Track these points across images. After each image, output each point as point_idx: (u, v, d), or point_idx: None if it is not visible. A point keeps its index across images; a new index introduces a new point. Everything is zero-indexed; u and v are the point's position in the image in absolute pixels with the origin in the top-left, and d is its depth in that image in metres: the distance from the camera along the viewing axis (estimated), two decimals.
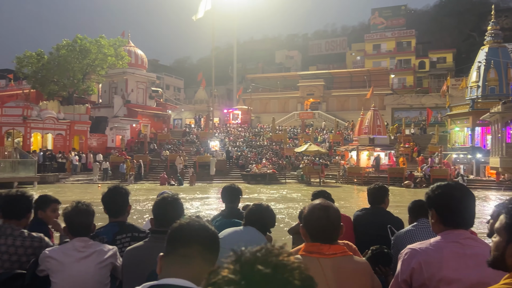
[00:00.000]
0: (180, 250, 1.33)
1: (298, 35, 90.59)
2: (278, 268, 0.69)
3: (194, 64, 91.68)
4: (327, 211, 1.98)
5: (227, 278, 0.68)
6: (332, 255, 1.90)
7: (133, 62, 40.26)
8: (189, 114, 51.55)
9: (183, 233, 1.36)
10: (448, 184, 2.04)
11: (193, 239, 1.34)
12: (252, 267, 0.69)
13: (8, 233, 2.77)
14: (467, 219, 1.98)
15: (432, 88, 53.03)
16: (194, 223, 1.39)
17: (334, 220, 1.97)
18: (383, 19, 63.62)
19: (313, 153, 32.37)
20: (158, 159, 33.35)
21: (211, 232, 1.39)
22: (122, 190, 3.12)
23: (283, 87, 55.31)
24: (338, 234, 1.99)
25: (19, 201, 2.91)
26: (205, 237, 1.36)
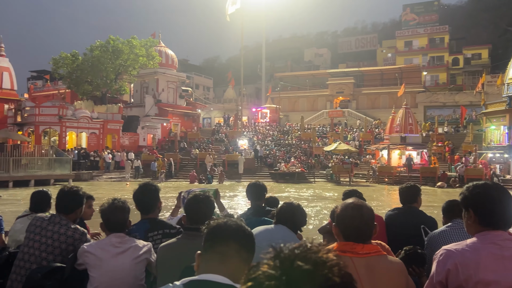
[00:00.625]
0: (218, 248, 1.36)
1: (328, 32, 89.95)
2: (318, 265, 0.69)
3: (223, 63, 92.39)
4: (361, 210, 1.95)
5: (267, 273, 0.69)
6: (366, 254, 1.88)
7: (163, 62, 40.91)
8: (218, 113, 51.97)
9: (221, 231, 1.40)
10: (485, 183, 1.99)
11: (231, 238, 1.38)
12: (292, 263, 0.69)
13: (56, 221, 2.97)
14: (506, 219, 1.91)
15: (466, 86, 51.41)
16: (231, 223, 1.44)
17: (368, 219, 1.95)
18: (415, 15, 62.18)
19: (342, 152, 32.01)
20: (188, 157, 33.80)
21: (247, 232, 1.44)
22: (152, 187, 3.18)
23: (312, 86, 54.90)
24: (372, 233, 1.96)
25: (69, 197, 3.06)
26: (242, 237, 1.40)
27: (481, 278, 1.79)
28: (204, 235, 1.44)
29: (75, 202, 3.08)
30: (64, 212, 3.03)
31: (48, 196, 3.96)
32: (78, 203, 3.10)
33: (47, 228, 2.94)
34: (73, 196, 3.07)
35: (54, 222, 2.96)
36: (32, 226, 3.00)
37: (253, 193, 3.93)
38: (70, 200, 3.06)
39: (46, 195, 3.94)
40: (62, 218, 2.99)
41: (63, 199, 3.05)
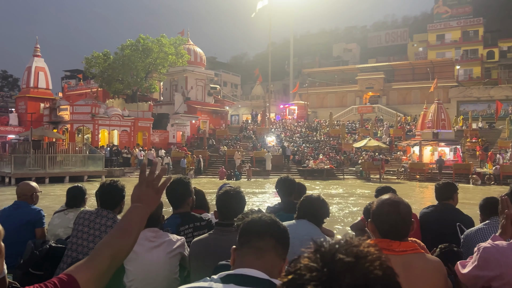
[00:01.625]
0: (254, 243, 1.37)
1: (357, 27, 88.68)
2: (360, 258, 0.69)
3: (250, 60, 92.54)
4: (398, 206, 1.90)
5: (309, 266, 0.69)
6: (402, 252, 1.83)
7: (192, 60, 41.32)
8: (246, 110, 52.12)
9: (257, 226, 1.41)
10: None
11: (267, 233, 1.38)
12: (333, 256, 0.69)
13: (103, 215, 3.09)
14: None
15: (502, 79, 49.58)
16: (266, 218, 1.45)
17: (405, 216, 1.89)
18: (448, 7, 60.40)
19: (372, 148, 31.52)
20: (217, 154, 34.07)
21: (282, 227, 1.44)
22: (183, 182, 3.23)
23: (341, 81, 54.24)
24: (409, 230, 1.91)
25: (111, 192, 3.16)
26: (278, 232, 1.41)
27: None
28: (239, 230, 1.45)
29: (117, 196, 3.17)
30: (108, 208, 3.14)
31: (83, 192, 4.10)
32: (120, 197, 3.19)
33: (95, 221, 3.07)
34: (113, 190, 3.16)
35: (101, 215, 3.08)
36: (80, 219, 3.12)
37: (283, 188, 3.92)
38: (112, 195, 3.16)
39: (81, 190, 4.08)
40: (109, 212, 3.11)
41: (105, 195, 3.15)
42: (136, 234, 1.47)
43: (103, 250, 1.37)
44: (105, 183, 3.20)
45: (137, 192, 1.56)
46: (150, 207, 1.55)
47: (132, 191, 1.58)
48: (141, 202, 1.54)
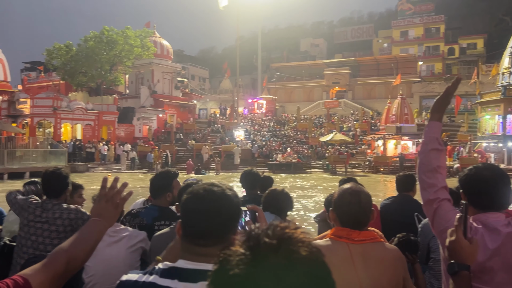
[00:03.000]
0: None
1: (324, 22, 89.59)
2: (283, 240, 0.73)
3: (219, 54, 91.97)
4: (358, 195, 1.92)
5: (236, 251, 0.73)
6: (362, 241, 1.86)
7: (159, 53, 40.67)
8: (214, 104, 51.86)
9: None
10: (477, 166, 1.93)
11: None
12: (258, 240, 0.73)
13: (49, 208, 2.96)
14: (498, 200, 1.84)
15: (461, 75, 51.36)
16: None
17: (365, 205, 1.92)
18: (411, 5, 61.99)
19: (338, 142, 32.10)
20: (184, 148, 33.76)
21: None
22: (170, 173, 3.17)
23: (308, 76, 54.81)
24: (369, 219, 1.93)
25: (54, 180, 3.04)
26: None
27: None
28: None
29: (60, 185, 3.05)
30: (54, 197, 3.02)
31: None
32: (64, 184, 3.07)
33: (41, 215, 2.95)
34: (56, 178, 3.04)
35: (47, 209, 2.96)
36: (25, 213, 3.00)
37: (247, 182, 3.92)
38: (56, 183, 3.04)
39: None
40: (54, 203, 2.98)
41: (49, 183, 3.03)
42: (92, 247, 1.51)
43: (59, 255, 1.41)
44: (47, 171, 3.08)
45: (96, 207, 1.60)
46: (109, 222, 1.59)
47: (96, 187, 1.64)
48: (100, 217, 1.58)
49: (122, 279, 1.27)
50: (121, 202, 1.63)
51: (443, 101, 2.04)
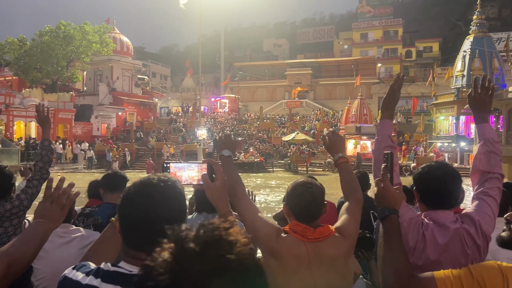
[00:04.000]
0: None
1: (287, 23, 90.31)
2: (210, 243, 0.67)
3: (181, 51, 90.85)
4: (311, 187, 1.96)
5: (161, 258, 0.68)
6: (316, 239, 1.86)
7: (118, 49, 39.72)
8: (176, 102, 51.19)
9: None
10: (430, 164, 2.01)
11: None
12: (183, 245, 0.68)
13: None
14: (448, 198, 1.92)
15: (418, 77, 53.40)
16: None
17: (318, 196, 1.95)
18: (371, 7, 63.63)
19: (300, 142, 32.49)
20: (145, 147, 33.13)
21: None
22: (121, 175, 3.25)
23: (271, 76, 55.16)
24: (321, 211, 1.96)
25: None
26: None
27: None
28: None
29: (5, 184, 2.90)
30: None
31: None
32: (7, 184, 2.92)
33: None
34: (0, 177, 2.90)
35: None
36: None
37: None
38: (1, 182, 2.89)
39: None
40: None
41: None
42: (36, 249, 1.48)
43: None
44: None
45: (40, 208, 1.55)
46: (54, 224, 1.56)
47: (45, 187, 1.59)
48: (44, 218, 1.53)
49: (67, 275, 1.22)
50: (67, 203, 1.59)
51: (390, 99, 2.15)
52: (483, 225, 1.83)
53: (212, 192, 1.65)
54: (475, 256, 1.80)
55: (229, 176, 1.86)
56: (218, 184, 1.65)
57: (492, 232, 1.86)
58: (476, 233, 1.81)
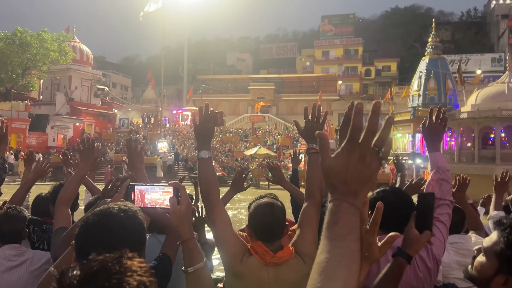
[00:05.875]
0: None
1: (250, 38, 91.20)
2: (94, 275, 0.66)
3: (143, 62, 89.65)
4: (272, 207, 1.99)
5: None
6: (275, 263, 1.85)
7: (78, 59, 38.70)
8: (137, 114, 50.26)
9: None
10: (384, 189, 2.07)
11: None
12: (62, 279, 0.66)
13: None
14: (402, 222, 1.93)
15: (377, 95, 55.18)
16: None
17: (279, 216, 1.98)
18: (332, 26, 65.46)
19: (262, 156, 32.61)
20: (103, 159, 32.17)
21: None
22: None
23: (234, 90, 55.35)
24: (283, 231, 1.98)
25: None
26: None
27: None
28: None
29: None
30: None
31: None
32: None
33: None
34: None
35: None
36: None
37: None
38: None
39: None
40: None
41: None
42: None
43: None
44: None
45: None
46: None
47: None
48: None
49: None
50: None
51: (345, 126, 2.15)
52: (434, 249, 1.90)
53: (177, 217, 1.59)
54: (426, 279, 1.87)
55: (205, 179, 1.87)
56: (183, 208, 1.59)
57: (442, 255, 1.96)
58: (427, 257, 1.89)
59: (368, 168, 0.86)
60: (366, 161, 0.86)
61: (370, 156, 0.87)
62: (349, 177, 0.85)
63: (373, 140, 0.88)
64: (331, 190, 0.87)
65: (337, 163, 0.86)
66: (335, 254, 0.79)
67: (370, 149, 0.87)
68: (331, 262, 0.78)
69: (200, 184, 1.90)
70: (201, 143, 1.95)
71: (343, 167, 0.85)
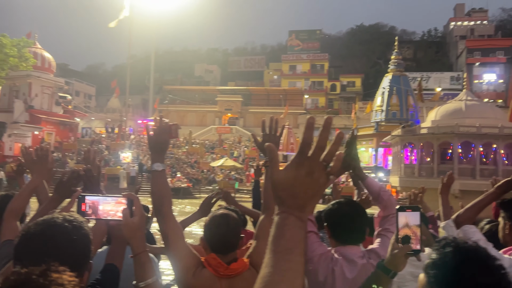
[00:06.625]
0: None
1: (219, 49, 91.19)
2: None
3: (108, 71, 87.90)
4: (227, 218, 1.99)
5: None
6: (227, 276, 1.83)
7: (39, 65, 37.41)
8: (100, 123, 49.02)
9: None
10: (339, 201, 2.16)
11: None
12: None
13: None
14: (356, 233, 2.08)
15: (342, 110, 56.28)
16: None
17: (234, 227, 1.97)
18: (300, 41, 66.55)
19: (228, 168, 32.39)
20: (62, 170, 31.02)
21: None
22: None
23: (202, 101, 55.05)
24: (237, 243, 1.98)
25: None
26: None
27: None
28: None
29: None
30: None
31: None
32: None
33: None
34: None
35: None
36: None
37: None
38: None
39: None
40: None
41: None
42: None
43: None
44: None
45: None
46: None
47: None
48: None
49: None
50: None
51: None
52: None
53: (129, 229, 1.52)
54: None
55: (158, 192, 1.82)
56: (136, 220, 1.53)
57: None
58: None
59: (316, 183, 0.87)
60: (314, 176, 0.87)
61: (318, 171, 0.87)
62: (297, 190, 0.86)
63: (322, 155, 0.87)
64: (278, 203, 0.88)
65: (285, 176, 0.87)
66: (280, 268, 0.80)
67: (318, 163, 0.87)
68: (275, 276, 0.79)
69: (152, 196, 1.82)
70: (155, 156, 1.89)
71: (291, 180, 0.86)
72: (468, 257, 1.05)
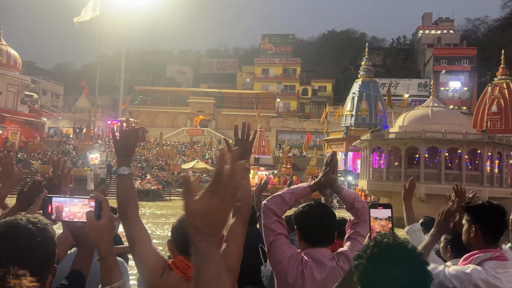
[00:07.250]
0: None
1: (191, 51, 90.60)
2: None
3: (77, 70, 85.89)
4: None
5: None
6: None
7: (4, 62, 36.13)
8: (68, 123, 47.81)
9: None
10: (309, 204, 2.17)
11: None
12: None
13: None
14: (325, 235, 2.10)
15: (313, 114, 56.95)
16: None
17: None
18: (272, 45, 66.98)
19: (200, 170, 32.18)
20: (28, 170, 30.04)
21: None
22: None
23: (173, 102, 54.53)
24: None
25: None
26: None
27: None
28: None
29: None
30: None
31: None
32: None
33: None
34: None
35: None
36: None
37: None
38: None
39: None
40: None
41: None
42: None
43: None
44: None
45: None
46: None
47: None
48: None
49: None
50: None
51: None
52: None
53: (95, 231, 1.49)
54: None
55: (123, 195, 1.79)
56: (103, 223, 1.50)
57: None
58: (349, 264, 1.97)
59: (227, 210, 0.94)
60: (225, 203, 0.93)
61: (229, 199, 0.93)
62: (212, 218, 0.93)
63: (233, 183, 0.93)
64: (195, 232, 0.94)
65: (202, 205, 0.92)
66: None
67: (230, 191, 0.93)
68: None
69: (118, 200, 1.79)
70: (121, 159, 1.85)
71: (207, 210, 0.92)
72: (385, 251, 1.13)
